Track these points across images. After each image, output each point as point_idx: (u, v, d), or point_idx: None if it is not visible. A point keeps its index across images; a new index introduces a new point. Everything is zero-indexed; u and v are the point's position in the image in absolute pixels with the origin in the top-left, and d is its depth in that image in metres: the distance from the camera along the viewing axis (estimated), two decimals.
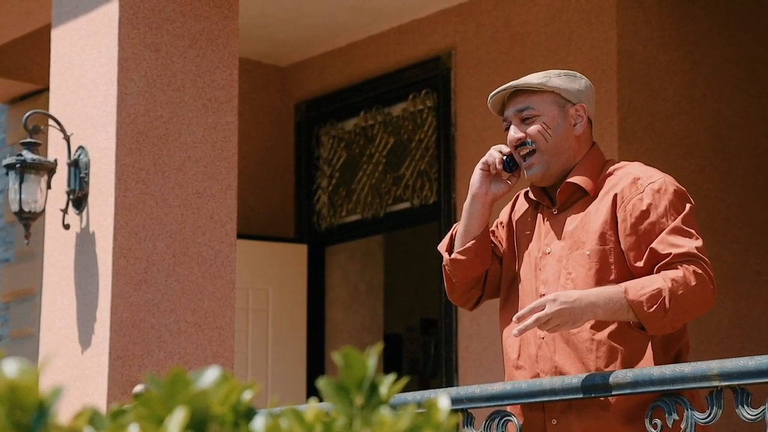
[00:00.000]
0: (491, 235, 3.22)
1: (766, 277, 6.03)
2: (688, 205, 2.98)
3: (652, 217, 2.93)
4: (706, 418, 2.73)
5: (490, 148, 3.20)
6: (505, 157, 3.12)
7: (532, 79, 3.10)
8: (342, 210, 7.08)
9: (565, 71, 3.15)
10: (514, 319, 2.88)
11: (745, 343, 5.91)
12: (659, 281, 2.85)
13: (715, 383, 2.69)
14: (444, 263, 3.16)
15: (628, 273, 2.96)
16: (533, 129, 3.06)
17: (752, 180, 6.07)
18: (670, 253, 2.88)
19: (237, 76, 4.82)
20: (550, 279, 3.04)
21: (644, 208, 2.94)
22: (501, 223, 3.24)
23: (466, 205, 3.15)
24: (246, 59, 7.01)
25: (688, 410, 2.76)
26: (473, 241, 3.12)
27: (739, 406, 2.66)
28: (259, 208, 7.15)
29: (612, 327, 2.95)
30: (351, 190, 7.04)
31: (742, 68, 6.11)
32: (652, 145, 5.79)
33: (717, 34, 6.06)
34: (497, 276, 3.20)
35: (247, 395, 1.10)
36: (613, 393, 2.85)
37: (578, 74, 3.16)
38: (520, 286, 3.11)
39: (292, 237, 7.18)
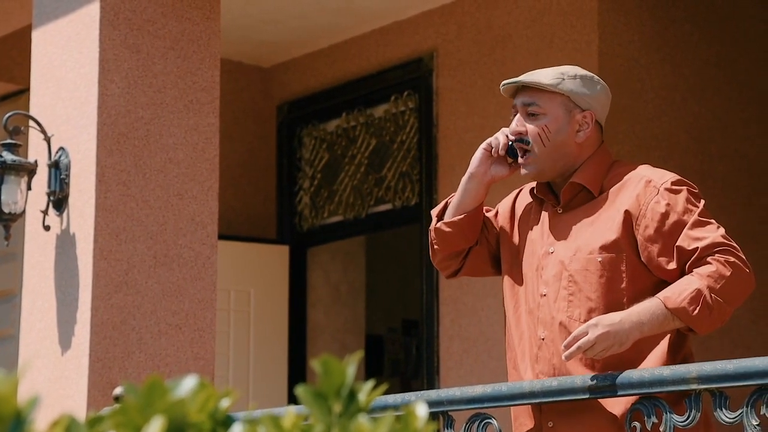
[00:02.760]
0: (488, 220, 3.19)
1: None
2: (702, 201, 2.97)
3: (672, 217, 2.90)
4: (684, 420, 2.74)
5: (476, 149, 3.16)
6: (510, 143, 3.08)
7: (545, 78, 3.03)
8: (324, 211, 7.08)
9: (583, 73, 3.07)
10: (561, 347, 2.88)
11: (724, 344, 5.93)
12: (695, 281, 2.83)
13: (694, 386, 2.70)
14: (431, 228, 3.15)
15: (641, 283, 2.94)
16: (533, 129, 3.03)
17: (732, 182, 6.09)
18: (697, 248, 2.86)
19: (218, 78, 4.82)
20: (550, 280, 3.01)
21: (663, 210, 2.91)
22: (501, 212, 3.20)
23: (463, 180, 3.12)
24: (228, 60, 7.00)
25: (667, 413, 2.77)
26: (462, 216, 3.10)
27: (717, 409, 2.67)
28: (241, 209, 7.15)
29: None
30: (333, 191, 7.04)
31: (722, 71, 6.14)
32: (633, 147, 5.81)
33: (697, 37, 6.08)
34: (482, 258, 3.17)
35: (224, 403, 1.11)
36: (593, 396, 2.86)
37: (595, 77, 3.10)
38: (523, 284, 3.08)
39: (273, 238, 7.17)
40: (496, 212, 3.22)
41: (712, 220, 2.93)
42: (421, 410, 1.13)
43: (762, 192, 6.16)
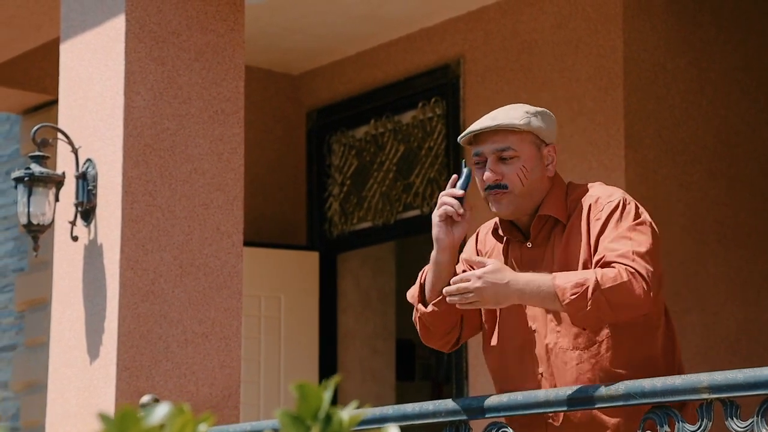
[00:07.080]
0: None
1: None
2: (642, 217, 2.99)
3: (606, 232, 2.96)
4: (696, 430, 2.76)
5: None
6: (458, 200, 3.06)
7: (515, 119, 3.05)
8: (353, 217, 7.12)
9: (539, 110, 3.11)
10: (444, 292, 2.92)
11: (753, 348, 5.92)
12: (589, 273, 2.86)
13: (705, 396, 2.72)
14: (419, 315, 3.11)
15: None
16: (511, 172, 3.03)
17: (759, 186, 6.08)
18: (605, 255, 2.90)
19: (243, 88, 4.86)
20: (538, 314, 3.06)
21: (601, 225, 2.98)
22: (468, 261, 3.17)
23: (433, 255, 3.07)
24: (257, 68, 7.05)
25: (679, 422, 2.79)
26: None
27: (729, 419, 2.69)
28: (271, 216, 7.20)
29: (610, 357, 2.99)
30: (362, 197, 7.08)
31: (748, 75, 6.12)
32: (660, 152, 5.81)
33: (723, 40, 6.07)
34: (474, 315, 3.16)
35: (202, 428, 1.14)
36: (606, 405, 2.89)
37: (547, 111, 3.13)
38: (507, 325, 3.11)
39: (303, 244, 7.22)
40: (464, 264, 3.18)
41: (634, 237, 2.94)
42: None
43: None
